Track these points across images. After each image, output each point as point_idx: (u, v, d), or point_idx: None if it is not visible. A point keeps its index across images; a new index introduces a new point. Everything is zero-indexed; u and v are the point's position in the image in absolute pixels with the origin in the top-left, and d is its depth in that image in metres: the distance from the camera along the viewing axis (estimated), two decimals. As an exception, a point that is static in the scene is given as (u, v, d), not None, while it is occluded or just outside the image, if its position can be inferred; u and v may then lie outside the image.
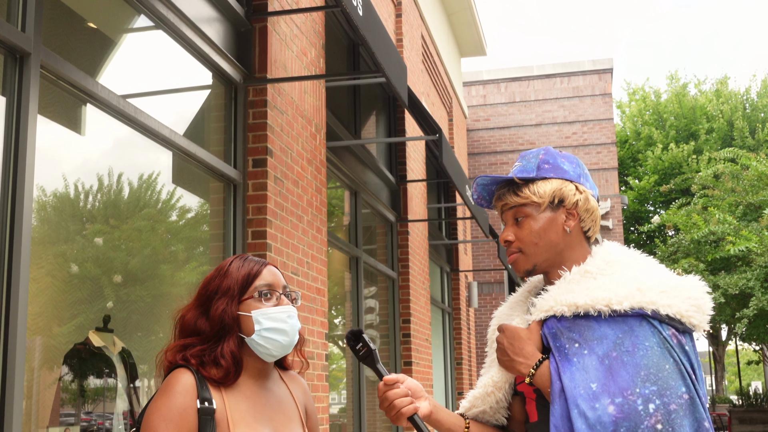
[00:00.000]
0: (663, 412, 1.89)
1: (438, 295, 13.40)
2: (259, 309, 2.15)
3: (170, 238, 5.21)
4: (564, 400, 1.95)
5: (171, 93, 5.21)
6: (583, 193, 2.16)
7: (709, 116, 24.93)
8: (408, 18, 10.95)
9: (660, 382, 1.91)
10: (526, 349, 2.06)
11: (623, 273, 2.07)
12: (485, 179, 2.21)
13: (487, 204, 2.28)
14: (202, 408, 2.04)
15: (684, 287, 2.05)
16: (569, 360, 1.99)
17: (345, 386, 8.49)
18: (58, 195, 4.02)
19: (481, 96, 19.56)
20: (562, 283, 2.10)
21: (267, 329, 2.14)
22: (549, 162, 2.17)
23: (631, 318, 2.00)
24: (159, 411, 2.03)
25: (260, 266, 2.22)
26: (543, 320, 2.09)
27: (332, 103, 7.46)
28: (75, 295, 4.20)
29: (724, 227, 12.73)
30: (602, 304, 2.00)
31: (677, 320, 2.01)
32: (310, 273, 6.04)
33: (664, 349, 1.97)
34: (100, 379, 4.33)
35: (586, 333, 2.01)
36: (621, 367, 1.94)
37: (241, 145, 5.39)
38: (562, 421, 1.94)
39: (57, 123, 3.95)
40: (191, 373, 2.08)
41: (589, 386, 1.94)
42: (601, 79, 19.27)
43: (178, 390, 2.05)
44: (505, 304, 2.32)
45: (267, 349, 2.15)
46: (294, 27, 6.10)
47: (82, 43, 4.31)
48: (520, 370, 2.07)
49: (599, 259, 2.13)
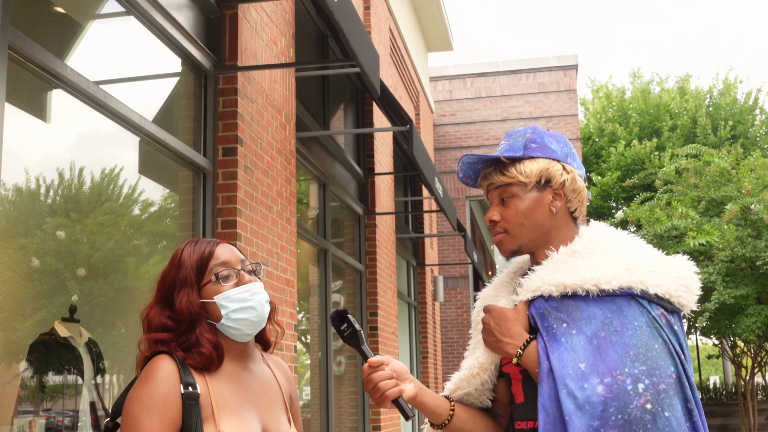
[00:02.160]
0: (652, 391, 1.88)
1: (404, 288, 13.39)
2: (220, 293, 2.09)
3: (137, 230, 5.14)
4: (552, 381, 1.93)
5: (140, 80, 5.13)
6: (570, 173, 2.14)
7: (672, 114, 25.19)
8: (376, 10, 10.92)
9: (649, 362, 1.91)
10: (513, 329, 2.04)
11: (611, 253, 2.06)
12: (471, 158, 2.18)
13: (472, 183, 2.25)
14: (186, 393, 1.98)
15: (673, 267, 2.05)
16: (557, 340, 1.98)
17: (308, 382, 8.45)
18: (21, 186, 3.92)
19: (447, 91, 19.58)
20: (549, 263, 2.08)
21: (234, 311, 2.08)
22: (536, 141, 2.15)
23: (620, 298, 1.99)
24: (140, 399, 1.97)
25: (212, 246, 2.16)
26: (530, 300, 2.07)
27: (301, 94, 7.41)
28: (37, 289, 4.12)
29: (686, 222, 12.86)
30: (591, 283, 1.99)
31: (666, 300, 2.00)
32: (280, 264, 6.00)
33: (653, 328, 1.96)
34: (66, 371, 4.26)
35: (574, 313, 2.00)
36: (610, 346, 1.93)
37: (211, 133, 5.33)
38: (550, 402, 1.92)
39: (24, 107, 3.86)
40: (172, 359, 2.02)
41: (577, 366, 1.92)
42: (566, 75, 19.37)
43: (159, 377, 1.98)
44: (490, 285, 2.30)
45: (239, 330, 2.11)
46: (264, 15, 6.04)
47: (51, 26, 4.22)
48: (507, 350, 2.04)
49: (587, 239, 2.12)
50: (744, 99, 25.33)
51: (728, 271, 12.55)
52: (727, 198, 13.06)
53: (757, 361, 14.95)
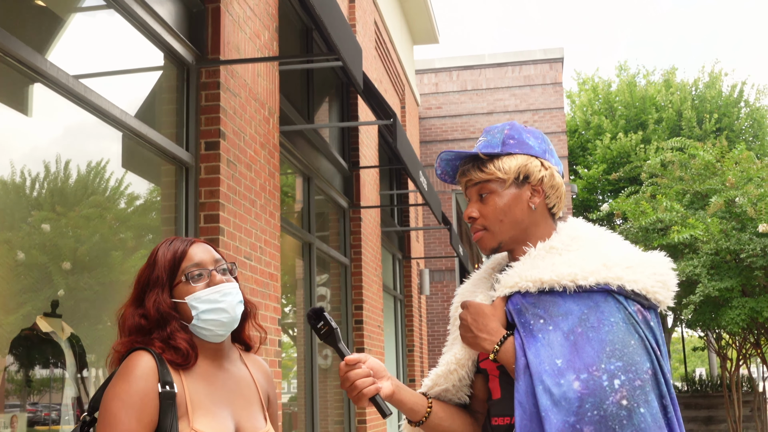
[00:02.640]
0: (628, 387, 1.88)
1: (390, 282, 13.39)
2: (191, 293, 2.09)
3: (120, 224, 5.11)
4: (529, 377, 1.93)
5: (122, 74, 5.09)
6: (548, 169, 2.14)
7: (658, 106, 25.25)
8: (361, 3, 10.89)
9: (625, 358, 1.91)
10: (490, 325, 2.04)
11: (589, 248, 2.06)
12: (449, 154, 2.18)
13: (450, 179, 2.25)
14: (163, 392, 1.97)
15: (650, 263, 2.05)
16: (534, 336, 1.97)
17: (296, 375, 8.44)
18: (4, 179, 3.90)
19: (433, 84, 19.56)
20: (527, 259, 2.08)
21: (204, 311, 2.08)
22: (514, 137, 2.15)
23: (597, 294, 1.99)
24: (119, 396, 1.95)
25: (186, 246, 2.15)
26: (507, 296, 2.07)
27: (285, 88, 7.38)
28: (22, 282, 4.10)
29: (671, 215, 12.89)
30: (568, 279, 1.99)
31: (643, 296, 2.00)
32: (263, 258, 5.98)
33: (630, 324, 1.96)
34: (48, 366, 4.24)
35: (551, 309, 1.99)
36: (586, 342, 1.93)
37: (193, 127, 5.30)
38: (527, 398, 1.92)
39: (3, 102, 3.83)
40: (151, 355, 2.01)
41: (554, 362, 1.92)
42: (552, 68, 19.39)
43: (138, 374, 1.97)
44: (469, 280, 2.29)
45: (211, 331, 2.10)
46: (247, 8, 6.02)
47: (30, 20, 4.19)
48: (484, 346, 2.04)
49: (564, 235, 2.11)
50: (729, 92, 25.41)
51: (713, 263, 12.58)
52: (712, 191, 13.10)
53: (741, 354, 15.03)
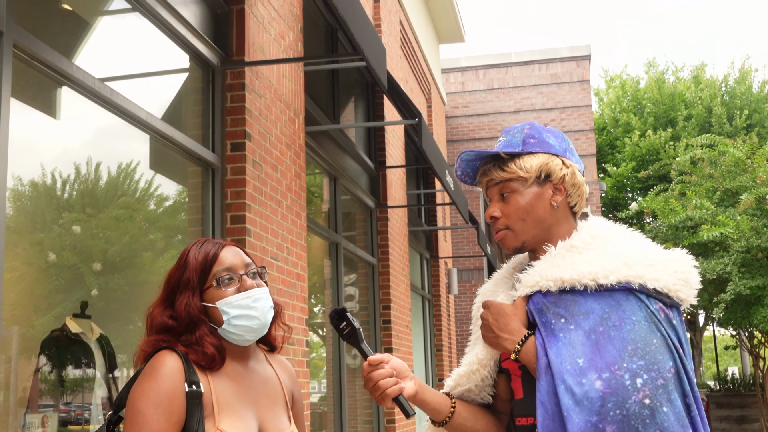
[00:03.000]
0: (650, 386, 1.86)
1: (418, 281, 13.38)
2: (222, 299, 2.09)
3: (149, 225, 5.15)
4: (550, 376, 1.92)
5: (148, 76, 5.13)
6: (569, 167, 2.13)
7: (687, 103, 25.03)
8: (386, 3, 10.89)
9: (647, 357, 1.89)
10: (512, 324, 2.03)
11: (609, 247, 2.05)
12: (470, 154, 2.17)
13: (470, 180, 2.24)
14: (190, 392, 1.97)
15: (671, 261, 2.03)
16: (555, 335, 1.96)
17: (325, 375, 8.46)
18: (34, 181, 3.95)
19: (459, 83, 19.53)
20: (547, 258, 2.07)
21: (235, 317, 2.08)
22: (534, 137, 2.14)
23: (618, 292, 1.98)
24: (147, 395, 1.96)
25: (217, 249, 2.15)
26: (528, 296, 2.06)
27: (311, 88, 7.40)
28: (53, 283, 4.14)
29: (701, 213, 12.78)
30: (588, 278, 1.97)
31: (664, 294, 1.98)
32: (290, 258, 6.00)
33: (651, 323, 1.94)
34: (78, 367, 4.28)
35: (572, 308, 1.98)
36: (608, 341, 1.92)
37: (219, 128, 5.33)
38: (549, 397, 1.91)
39: (31, 105, 3.87)
40: (178, 355, 2.02)
41: (575, 361, 1.91)
42: (579, 65, 19.28)
43: (165, 373, 1.98)
44: (490, 280, 2.29)
45: (240, 336, 2.11)
46: (272, 10, 6.04)
47: (56, 24, 4.23)
48: (505, 346, 2.03)
49: (585, 233, 2.10)
50: (760, 88, 25.13)
51: (744, 261, 12.46)
52: (743, 188, 12.96)
53: (774, 352, 14.86)
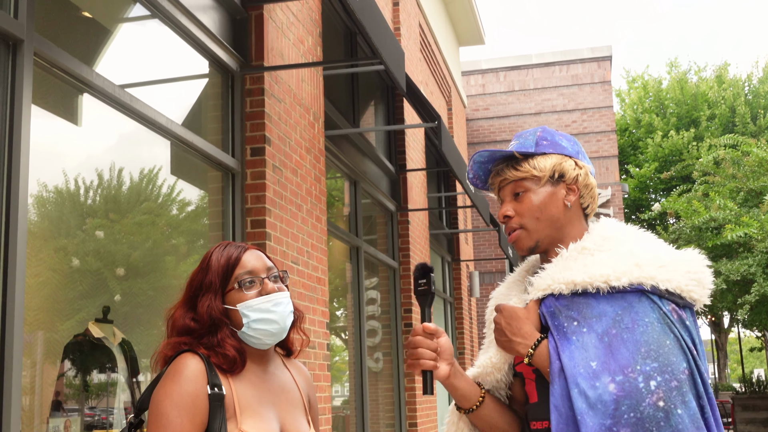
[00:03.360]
0: (665, 388, 1.85)
1: (439, 284, 13.37)
2: (243, 301, 2.10)
3: (171, 230, 5.19)
4: (564, 380, 1.91)
5: (167, 82, 5.17)
6: (582, 168, 2.14)
7: (710, 103, 24.87)
8: (405, 6, 10.90)
9: (661, 359, 1.88)
10: (524, 328, 2.02)
11: (621, 248, 2.04)
12: (483, 155, 2.17)
13: (482, 184, 2.24)
14: (212, 394, 1.98)
15: (683, 261, 2.01)
16: (568, 338, 1.96)
17: (348, 378, 8.47)
18: (56, 187, 3.99)
19: (480, 85, 19.51)
20: (559, 261, 2.06)
21: (255, 320, 2.09)
22: (547, 139, 2.15)
23: (630, 294, 1.97)
24: (170, 397, 1.96)
25: (239, 252, 2.16)
26: (541, 299, 2.06)
27: (330, 92, 7.42)
28: (77, 289, 4.17)
29: (725, 213, 12.69)
30: (600, 280, 1.97)
31: (677, 295, 1.97)
32: (311, 262, 6.01)
33: (665, 324, 1.93)
34: (100, 371, 4.31)
35: (584, 311, 1.98)
36: (621, 344, 1.91)
37: (238, 133, 5.36)
38: (562, 401, 1.90)
39: (51, 112, 3.91)
40: (200, 357, 2.03)
41: (588, 365, 1.90)
42: (600, 66, 19.21)
43: (187, 375, 1.99)
44: (503, 284, 2.28)
45: (259, 340, 2.12)
46: (290, 15, 6.06)
47: (75, 31, 4.27)
48: (518, 350, 2.03)
49: (596, 235, 2.10)
50: (784, 86, 24.94)
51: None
52: (766, 188, 12.86)
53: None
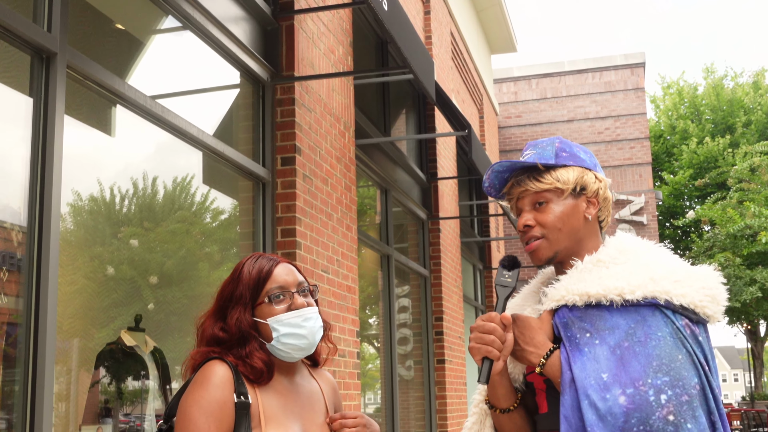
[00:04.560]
0: (675, 403, 1.85)
1: (471, 292, 13.35)
2: (273, 316, 2.12)
3: (203, 239, 5.24)
4: (574, 391, 1.91)
5: (199, 93, 5.23)
6: (602, 181, 2.14)
7: (746, 109, 24.62)
8: (436, 15, 10.92)
9: (672, 373, 1.88)
10: (537, 338, 2.03)
11: (636, 262, 2.04)
12: (503, 165, 2.17)
13: (496, 193, 2.24)
14: (238, 402, 2.01)
15: (698, 277, 2.01)
16: (580, 350, 1.96)
17: (379, 386, 8.48)
18: (91, 197, 4.05)
19: (512, 93, 19.46)
20: (574, 273, 2.07)
21: (284, 335, 2.12)
22: (566, 150, 2.15)
23: (644, 307, 1.97)
24: (198, 403, 1.99)
25: (271, 266, 2.18)
26: (554, 310, 2.06)
27: (361, 101, 7.45)
28: (111, 297, 4.23)
29: (760, 221, 12.56)
30: (614, 293, 1.97)
31: (691, 310, 1.97)
32: (341, 271, 6.04)
33: (677, 339, 1.93)
34: (133, 379, 4.36)
35: (597, 323, 1.98)
36: (633, 357, 1.91)
37: (269, 143, 5.40)
38: (572, 412, 1.90)
39: (85, 123, 3.98)
40: (227, 365, 2.06)
41: (599, 376, 1.90)
42: (633, 73, 19.08)
43: (215, 382, 2.02)
44: (519, 295, 2.29)
45: (288, 354, 2.14)
46: (321, 25, 6.10)
47: (108, 43, 4.34)
48: (530, 359, 2.03)
49: (612, 248, 2.10)
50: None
51: (804, 270, 12.20)
52: (803, 195, 12.70)
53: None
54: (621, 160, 18.69)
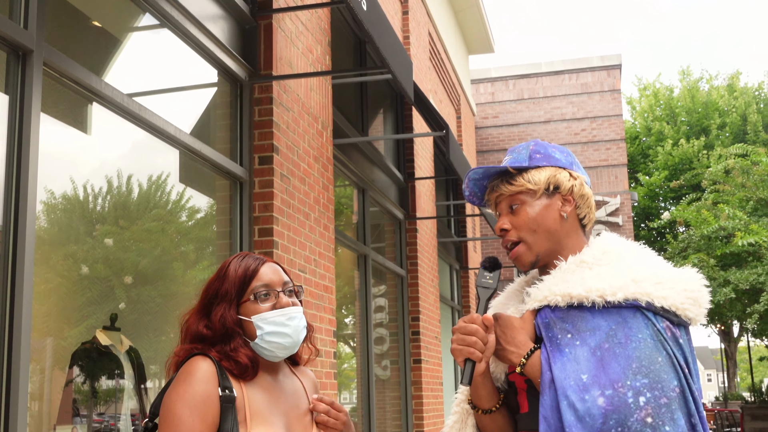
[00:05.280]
0: (653, 405, 1.86)
1: (447, 292, 13.37)
2: (258, 314, 2.13)
3: (179, 238, 5.22)
4: (554, 391, 1.92)
5: (176, 91, 5.21)
6: (577, 179, 2.14)
7: (721, 111, 24.84)
8: (415, 15, 10.93)
9: (651, 375, 1.88)
10: (518, 338, 2.04)
11: (619, 263, 2.05)
12: (477, 173, 2.19)
13: (478, 201, 2.26)
14: (223, 395, 2.02)
15: (680, 279, 2.02)
16: (561, 350, 1.97)
17: (356, 386, 8.48)
18: (66, 195, 4.02)
19: (489, 93, 19.52)
20: (557, 273, 2.07)
21: (268, 333, 2.12)
22: (540, 152, 2.16)
23: (625, 309, 1.98)
24: (182, 398, 1.99)
25: (257, 264, 2.19)
26: (537, 310, 2.07)
27: (339, 101, 7.44)
28: (86, 295, 4.20)
29: (734, 222, 12.67)
30: (596, 294, 1.97)
31: (672, 312, 1.98)
32: (318, 271, 6.03)
33: (657, 341, 1.94)
34: (108, 379, 4.33)
35: (579, 324, 1.99)
36: (613, 358, 1.92)
37: (247, 142, 5.39)
38: (552, 412, 1.91)
39: (61, 121, 3.95)
40: (211, 360, 2.07)
41: (579, 377, 1.91)
42: (609, 75, 19.20)
43: (199, 377, 2.02)
44: (502, 294, 2.30)
45: (272, 352, 2.15)
46: (299, 24, 6.09)
47: (85, 41, 4.31)
48: (511, 359, 2.04)
49: (595, 248, 2.11)
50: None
51: (778, 272, 12.33)
52: (776, 197, 12.84)
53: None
54: (597, 162, 18.80)
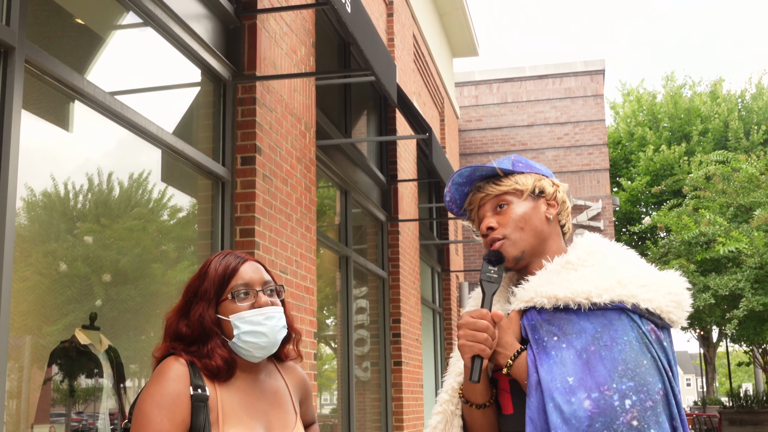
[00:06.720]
0: (639, 408, 1.87)
1: (429, 295, 13.38)
2: (235, 313, 2.12)
3: (159, 237, 5.19)
4: (540, 393, 1.93)
5: (159, 90, 5.18)
6: (558, 186, 2.20)
7: (703, 117, 24.99)
8: (399, 17, 10.94)
9: (637, 378, 1.90)
10: (505, 338, 2.04)
11: (603, 264, 2.07)
12: (463, 175, 2.20)
13: (457, 209, 2.28)
14: (195, 395, 2.02)
15: (664, 282, 2.04)
16: (547, 353, 1.98)
17: (336, 387, 8.48)
18: (46, 192, 4.00)
19: (473, 96, 19.56)
20: (543, 274, 2.08)
21: (245, 332, 2.12)
22: (522, 162, 2.22)
23: (611, 311, 1.99)
24: (152, 398, 2.01)
25: (238, 263, 2.19)
26: (523, 310, 2.08)
27: (323, 102, 7.44)
28: (65, 293, 4.18)
29: (714, 228, 12.75)
30: (582, 297, 1.99)
31: (657, 315, 2.00)
32: (299, 272, 6.03)
33: (642, 344, 1.95)
34: (86, 378, 4.31)
35: (565, 326, 2.00)
36: (599, 361, 1.93)
37: (229, 142, 5.37)
38: (538, 414, 1.92)
39: (43, 119, 3.92)
40: (184, 361, 2.07)
41: (565, 380, 1.92)
42: (593, 80, 19.28)
43: (170, 376, 2.03)
44: None
45: (249, 352, 2.14)
46: (284, 25, 6.08)
47: (68, 39, 4.29)
48: (497, 360, 2.04)
49: (581, 249, 2.13)
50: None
51: (757, 278, 12.42)
52: (756, 204, 12.94)
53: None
54: (579, 166, 18.87)
